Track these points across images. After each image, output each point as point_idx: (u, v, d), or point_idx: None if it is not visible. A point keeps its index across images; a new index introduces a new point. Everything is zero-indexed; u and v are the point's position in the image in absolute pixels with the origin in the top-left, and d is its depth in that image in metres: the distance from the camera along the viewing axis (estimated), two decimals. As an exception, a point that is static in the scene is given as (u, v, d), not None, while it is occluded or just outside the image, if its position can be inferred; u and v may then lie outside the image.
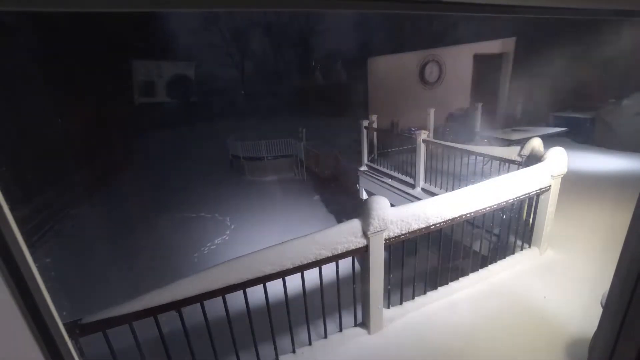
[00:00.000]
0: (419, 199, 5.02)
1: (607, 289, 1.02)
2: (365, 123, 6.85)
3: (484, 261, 3.04)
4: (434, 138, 5.85)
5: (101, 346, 1.64)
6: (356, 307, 2.44)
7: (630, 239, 0.85)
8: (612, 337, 0.88)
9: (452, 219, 2.49)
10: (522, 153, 3.52)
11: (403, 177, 5.89)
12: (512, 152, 3.71)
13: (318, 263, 2.07)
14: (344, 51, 25.26)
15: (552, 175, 2.95)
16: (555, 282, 2.82)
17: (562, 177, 3.02)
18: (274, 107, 25.02)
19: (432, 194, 4.97)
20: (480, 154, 4.26)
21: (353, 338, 2.39)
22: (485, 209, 2.66)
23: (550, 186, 3.00)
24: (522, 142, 3.69)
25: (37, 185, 9.80)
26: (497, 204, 2.72)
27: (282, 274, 1.96)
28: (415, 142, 5.34)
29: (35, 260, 0.63)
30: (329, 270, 2.15)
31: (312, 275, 2.11)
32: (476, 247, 3.16)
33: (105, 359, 1.70)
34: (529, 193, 2.91)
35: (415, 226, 2.33)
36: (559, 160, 2.94)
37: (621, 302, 0.84)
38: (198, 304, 1.80)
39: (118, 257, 7.68)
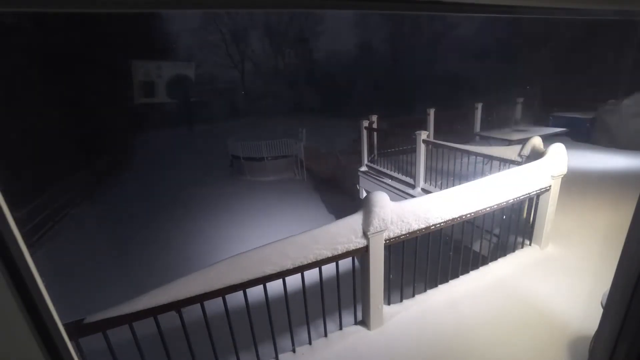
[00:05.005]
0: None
1: (607, 289, 1.02)
2: (365, 123, 6.85)
3: (484, 261, 3.04)
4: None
5: (99, 343, 1.64)
6: (356, 306, 2.44)
7: (630, 239, 0.85)
8: (612, 338, 0.88)
9: (452, 220, 2.49)
10: (522, 153, 3.52)
11: (403, 178, 5.89)
12: (512, 152, 3.72)
13: (318, 263, 2.06)
14: (344, 51, 25.23)
15: (552, 176, 2.95)
16: (557, 278, 2.82)
17: (562, 176, 3.02)
18: (274, 107, 25.00)
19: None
20: (481, 154, 4.26)
21: (353, 335, 2.39)
22: (485, 209, 2.66)
23: (550, 186, 3.00)
24: (522, 142, 3.69)
25: (37, 185, 9.80)
26: (498, 204, 2.73)
27: (282, 274, 1.96)
28: (415, 143, 5.34)
29: (35, 260, 0.62)
30: (329, 268, 2.15)
31: (312, 273, 2.11)
32: (476, 247, 3.16)
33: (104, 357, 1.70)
34: (529, 193, 2.91)
35: (415, 226, 2.33)
36: (559, 160, 2.94)
37: (621, 302, 0.84)
38: (198, 304, 1.80)
39: (118, 257, 7.68)
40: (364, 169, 7.03)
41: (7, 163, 8.60)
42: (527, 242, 3.26)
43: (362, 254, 2.25)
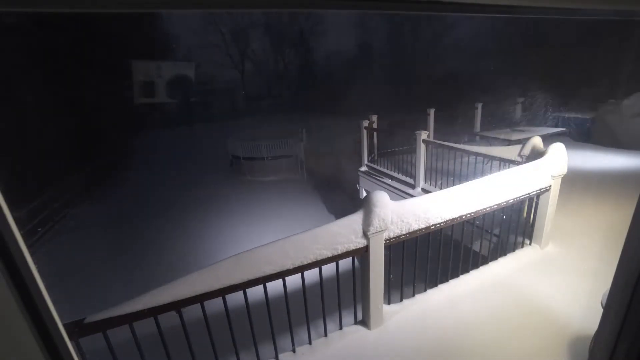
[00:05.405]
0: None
1: (607, 289, 1.02)
2: (365, 123, 6.85)
3: (484, 260, 3.04)
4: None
5: (99, 343, 1.64)
6: (356, 306, 2.44)
7: (630, 239, 0.85)
8: (612, 338, 0.87)
9: (452, 220, 2.49)
10: (522, 153, 3.52)
11: (403, 178, 5.89)
12: (512, 152, 3.72)
13: (318, 263, 2.06)
14: (344, 51, 25.23)
15: (552, 176, 2.95)
16: (557, 278, 2.82)
17: (562, 176, 3.02)
18: (274, 107, 25.00)
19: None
20: (481, 154, 4.26)
21: (353, 334, 2.39)
22: (485, 209, 2.66)
23: (550, 186, 3.00)
24: (522, 142, 3.70)
25: (37, 185, 9.81)
26: (498, 204, 2.72)
27: (282, 274, 1.96)
28: (415, 143, 5.34)
29: (35, 260, 0.62)
30: (329, 268, 2.15)
31: (312, 273, 2.11)
32: (476, 247, 3.16)
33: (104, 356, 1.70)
34: (529, 193, 2.91)
35: (415, 226, 2.33)
36: (559, 160, 2.94)
37: (621, 302, 0.84)
38: (198, 304, 1.80)
39: (118, 257, 7.68)
40: (364, 169, 7.03)
41: (7, 163, 8.60)
42: (527, 241, 3.26)
43: (362, 254, 2.25)
